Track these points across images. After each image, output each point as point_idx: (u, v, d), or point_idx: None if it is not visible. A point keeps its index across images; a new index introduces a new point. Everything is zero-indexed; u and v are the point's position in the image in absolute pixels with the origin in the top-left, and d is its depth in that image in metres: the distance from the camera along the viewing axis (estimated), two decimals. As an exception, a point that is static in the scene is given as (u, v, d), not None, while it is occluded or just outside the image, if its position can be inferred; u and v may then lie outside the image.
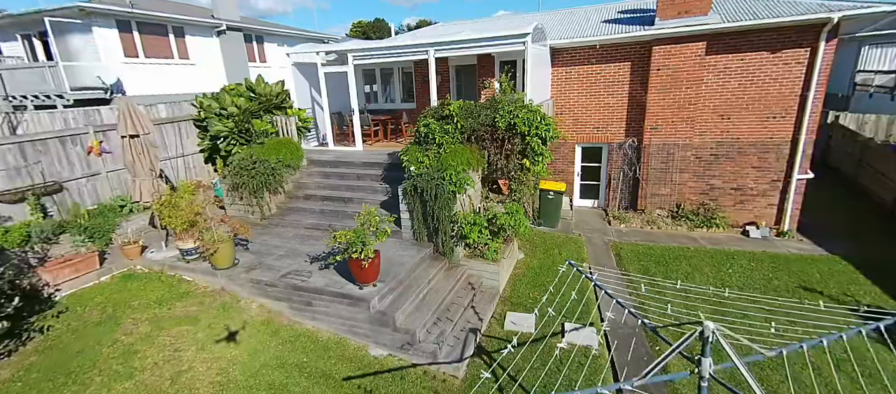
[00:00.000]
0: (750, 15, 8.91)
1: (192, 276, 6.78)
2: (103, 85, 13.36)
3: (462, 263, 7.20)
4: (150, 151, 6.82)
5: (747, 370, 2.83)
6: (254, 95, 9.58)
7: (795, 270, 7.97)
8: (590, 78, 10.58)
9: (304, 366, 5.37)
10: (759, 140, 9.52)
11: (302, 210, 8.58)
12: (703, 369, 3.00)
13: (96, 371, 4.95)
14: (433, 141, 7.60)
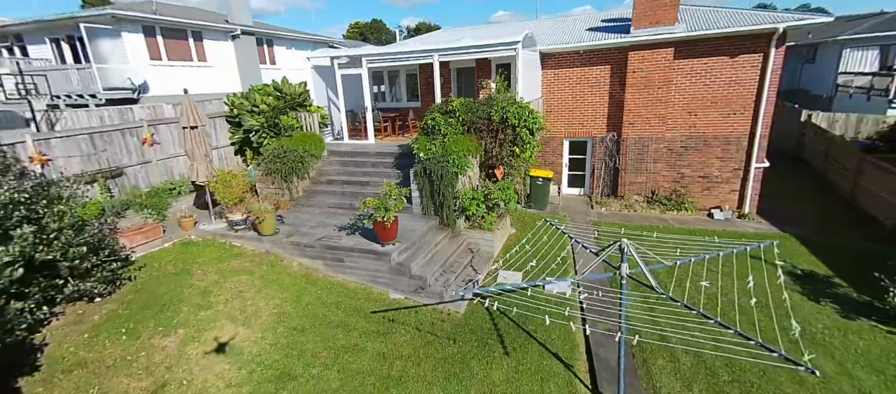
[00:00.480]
0: (711, 25, 10.81)
1: (240, 242, 8.56)
2: (132, 86, 15.19)
3: (463, 232, 9.01)
4: (205, 140, 8.61)
5: (646, 268, 4.68)
6: (280, 95, 11.40)
7: (741, 240, 9.79)
8: (575, 79, 12.45)
9: (339, 304, 7.15)
10: (722, 134, 11.39)
11: (325, 193, 10.38)
12: (622, 270, 4.84)
13: (183, 304, 6.72)
14: (439, 132, 9.42)
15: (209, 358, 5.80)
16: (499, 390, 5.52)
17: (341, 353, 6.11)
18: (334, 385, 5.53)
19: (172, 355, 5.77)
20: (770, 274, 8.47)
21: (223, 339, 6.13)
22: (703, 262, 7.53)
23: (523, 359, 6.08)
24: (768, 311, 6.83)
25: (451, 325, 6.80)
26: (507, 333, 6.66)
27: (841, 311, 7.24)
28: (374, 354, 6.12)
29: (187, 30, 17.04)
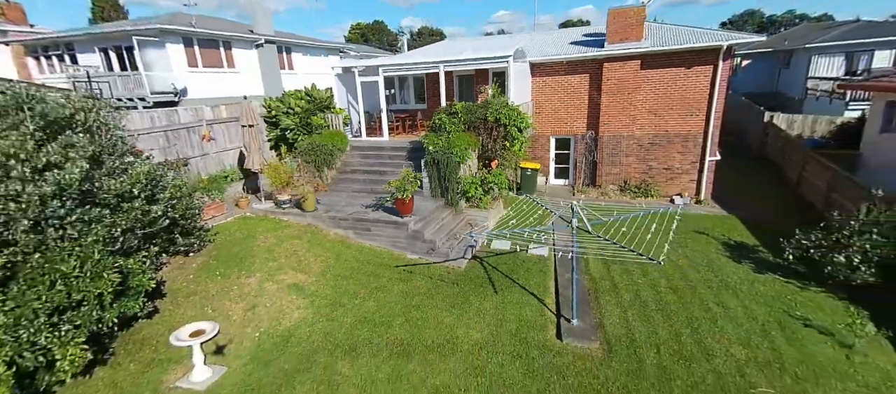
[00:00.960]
0: (670, 42, 13.16)
1: (287, 217, 10.91)
2: (174, 90, 17.58)
3: (464, 210, 11.36)
4: (258, 135, 10.94)
5: (585, 216, 7.05)
6: (310, 99, 13.76)
7: (694, 222, 12.15)
8: (560, 85, 14.80)
9: (369, 261, 9.51)
10: (682, 132, 13.73)
11: (350, 180, 12.74)
12: (572, 224, 7.20)
13: (255, 258, 9.08)
14: (444, 129, 11.77)
15: (281, 292, 8.15)
16: (489, 313, 7.87)
17: (374, 291, 8.46)
18: (372, 309, 7.89)
19: (255, 289, 8.13)
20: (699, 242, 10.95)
21: (289, 281, 8.49)
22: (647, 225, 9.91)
23: (508, 296, 8.42)
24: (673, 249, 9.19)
25: (454, 275, 9.14)
26: (497, 280, 9.00)
27: (755, 268, 9.56)
28: (398, 292, 8.46)
29: (219, 40, 19.43)
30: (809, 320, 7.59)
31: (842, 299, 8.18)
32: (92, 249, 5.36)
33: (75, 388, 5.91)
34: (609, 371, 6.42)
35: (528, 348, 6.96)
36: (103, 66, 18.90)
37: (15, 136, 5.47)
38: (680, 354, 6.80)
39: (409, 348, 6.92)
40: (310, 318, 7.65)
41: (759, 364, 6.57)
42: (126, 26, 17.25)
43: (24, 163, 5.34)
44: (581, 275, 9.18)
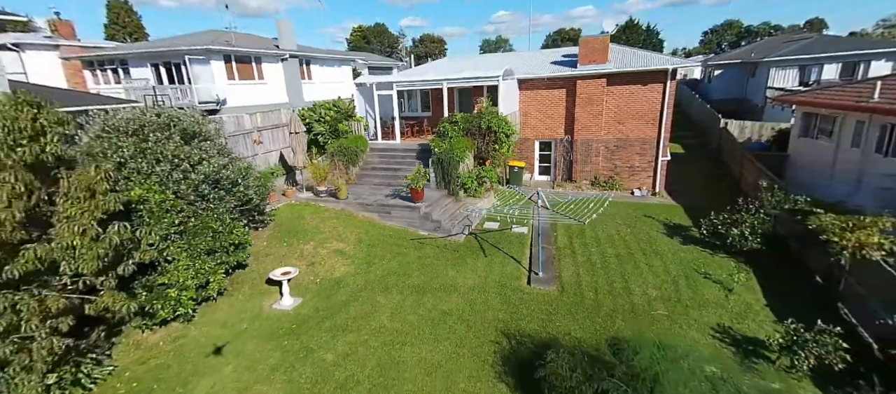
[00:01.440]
0: (630, 65, 16.21)
1: (324, 204, 13.95)
2: (216, 100, 20.62)
3: (462, 199, 14.41)
4: (303, 139, 13.95)
5: (543, 200, 10.18)
6: (337, 109, 16.80)
7: (646, 209, 15.20)
8: (542, 98, 17.84)
9: (391, 235, 12.56)
10: (640, 137, 16.78)
11: (371, 175, 15.78)
12: (538, 204, 10.32)
13: (306, 232, 12.13)
14: (447, 135, 14.81)
15: (330, 254, 11.21)
16: (480, 269, 10.92)
17: (396, 255, 11.52)
18: (395, 266, 10.94)
19: (311, 252, 11.18)
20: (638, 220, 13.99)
21: (334, 247, 11.55)
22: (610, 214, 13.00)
23: (494, 259, 11.48)
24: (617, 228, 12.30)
25: (455, 245, 12.19)
26: (487, 249, 12.05)
27: (682, 241, 12.61)
28: (414, 256, 11.52)
29: (252, 56, 22.47)
30: (708, 274, 10.65)
31: (737, 261, 11.25)
32: (224, 216, 8.38)
33: (211, 307, 8.94)
34: (559, 303, 9.48)
35: (506, 290, 10.02)
36: (153, 79, 21.93)
37: (172, 143, 8.45)
38: (610, 293, 9.86)
39: (424, 288, 9.98)
40: (352, 271, 10.72)
41: (664, 299, 9.64)
42: (180, 46, 20.29)
43: (183, 160, 8.36)
44: (550, 245, 12.25)
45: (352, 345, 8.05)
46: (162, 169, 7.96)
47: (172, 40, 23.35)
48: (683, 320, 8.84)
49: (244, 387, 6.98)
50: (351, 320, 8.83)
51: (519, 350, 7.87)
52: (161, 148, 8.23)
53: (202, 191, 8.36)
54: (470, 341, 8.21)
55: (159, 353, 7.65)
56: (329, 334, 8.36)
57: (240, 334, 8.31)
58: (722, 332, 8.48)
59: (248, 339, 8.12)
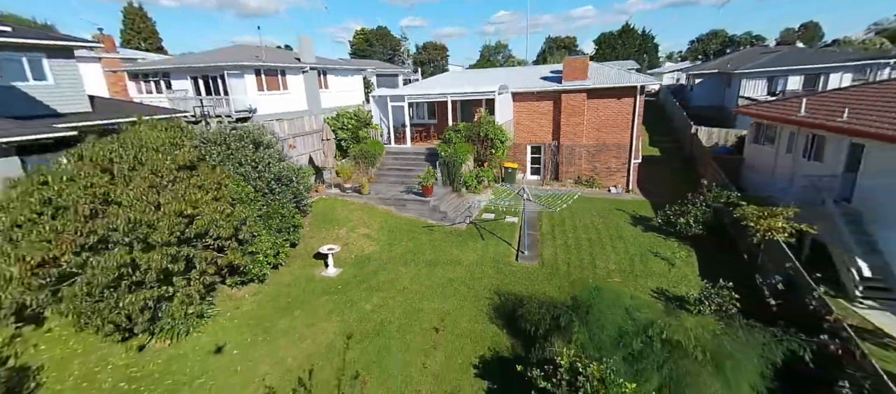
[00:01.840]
0: (606, 82, 18.99)
1: (350, 199, 16.75)
2: (249, 109, 23.43)
3: (464, 194, 17.22)
4: (332, 145, 16.74)
5: (527, 194, 13.04)
6: (357, 118, 19.60)
7: (619, 203, 17.99)
8: (533, 109, 20.62)
9: (407, 223, 15.37)
10: (616, 143, 19.56)
11: (387, 174, 18.58)
12: (523, 198, 13.17)
13: (339, 220, 14.94)
14: (451, 141, 17.60)
15: (359, 237, 14.02)
16: (479, 249, 13.71)
17: (412, 238, 14.32)
18: (412, 246, 13.74)
19: (344, 235, 13.99)
20: (610, 212, 16.72)
21: (362, 232, 14.36)
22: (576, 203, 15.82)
23: (490, 242, 14.27)
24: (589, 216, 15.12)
25: (459, 232, 14.98)
26: (484, 234, 14.84)
27: (643, 229, 15.39)
28: (426, 239, 14.31)
29: (278, 69, 25.29)
30: (658, 253, 13.43)
31: (683, 244, 14.02)
32: (287, 204, 11.17)
33: (277, 273, 11.72)
34: (539, 273, 12.28)
35: (498, 264, 12.82)
36: (192, 91, 24.75)
37: (248, 151, 11.22)
38: (580, 267, 12.65)
39: (435, 262, 12.79)
40: (378, 250, 13.53)
41: (620, 271, 12.43)
42: (218, 62, 23.11)
43: (257, 163, 11.16)
44: (535, 231, 15.05)
45: (383, 299, 10.86)
46: (245, 170, 10.74)
47: (210, 56, 26.14)
48: (632, 285, 11.63)
49: (311, 323, 9.79)
50: (380, 283, 11.64)
51: (506, 303, 10.66)
52: (241, 155, 11.02)
53: (271, 186, 11.15)
54: (470, 298, 11.02)
55: (245, 303, 10.45)
56: (365, 292, 11.17)
57: (301, 291, 11.11)
58: (659, 293, 11.28)
59: (307, 295, 10.94)
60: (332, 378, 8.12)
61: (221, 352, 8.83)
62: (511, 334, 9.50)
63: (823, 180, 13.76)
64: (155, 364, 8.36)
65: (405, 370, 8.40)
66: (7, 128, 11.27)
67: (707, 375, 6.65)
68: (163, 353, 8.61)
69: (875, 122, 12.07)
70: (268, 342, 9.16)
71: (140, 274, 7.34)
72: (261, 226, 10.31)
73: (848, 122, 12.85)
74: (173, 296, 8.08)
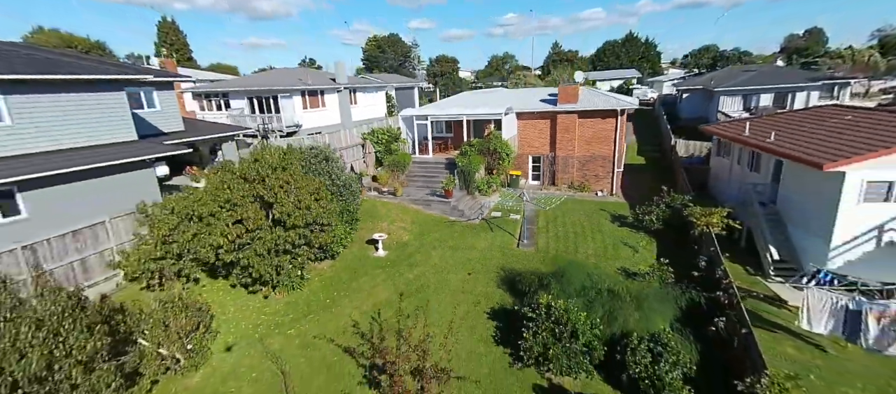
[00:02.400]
0: (593, 106, 22.89)
1: (386, 199, 20.87)
2: (296, 125, 27.73)
3: (477, 196, 21.27)
4: (372, 156, 20.86)
5: (529, 198, 17.13)
6: (389, 134, 23.74)
7: (603, 205, 21.89)
8: (534, 126, 24.59)
9: (433, 218, 19.46)
10: (602, 155, 23.45)
11: (414, 180, 22.68)
12: (524, 201, 17.26)
13: (380, 216, 19.06)
14: (467, 154, 21.64)
15: (398, 229, 18.13)
16: (489, 238, 17.72)
17: (437, 230, 18.38)
18: (438, 236, 17.80)
19: (386, 227, 18.11)
20: (594, 212, 20.59)
21: (399, 225, 18.46)
22: (566, 204, 19.76)
23: (498, 233, 18.28)
24: (575, 215, 19.10)
25: (473, 226, 19.01)
26: (493, 227, 18.86)
27: (619, 225, 19.27)
28: (448, 231, 18.37)
29: (318, 91, 29.58)
30: (627, 242, 17.33)
31: (649, 236, 17.89)
32: (351, 203, 15.31)
33: (342, 254, 15.81)
34: (534, 256, 16.26)
35: (504, 249, 16.82)
36: (248, 109, 29.13)
37: (324, 166, 15.36)
38: (565, 251, 16.61)
39: (457, 247, 16.83)
40: (412, 238, 17.62)
41: (596, 255, 16.37)
42: (273, 85, 27.46)
43: (330, 174, 15.31)
44: (533, 226, 19.01)
45: (420, 272, 14.93)
46: (322, 179, 14.88)
47: (264, 79, 30.54)
48: (604, 265, 15.54)
49: (373, 285, 13.90)
50: (417, 261, 15.72)
51: (509, 276, 14.64)
52: (316, 166, 15.18)
53: (340, 190, 15.28)
54: (483, 271, 15.04)
55: (325, 274, 14.59)
56: (407, 266, 15.26)
57: (361, 265, 15.22)
58: (622, 270, 15.17)
59: (367, 267, 15.05)
60: (392, 317, 12.15)
61: (318, 301, 12.98)
62: (512, 295, 13.49)
63: (758, 187, 17.55)
64: (277, 306, 12.54)
65: (441, 314, 12.45)
66: (152, 147, 15.58)
67: (631, 310, 10.62)
68: (281, 301, 12.79)
69: (788, 144, 15.88)
70: (346, 296, 13.30)
71: (280, 246, 11.50)
72: (338, 218, 14.43)
73: (773, 143, 16.64)
74: (296, 258, 12.28)
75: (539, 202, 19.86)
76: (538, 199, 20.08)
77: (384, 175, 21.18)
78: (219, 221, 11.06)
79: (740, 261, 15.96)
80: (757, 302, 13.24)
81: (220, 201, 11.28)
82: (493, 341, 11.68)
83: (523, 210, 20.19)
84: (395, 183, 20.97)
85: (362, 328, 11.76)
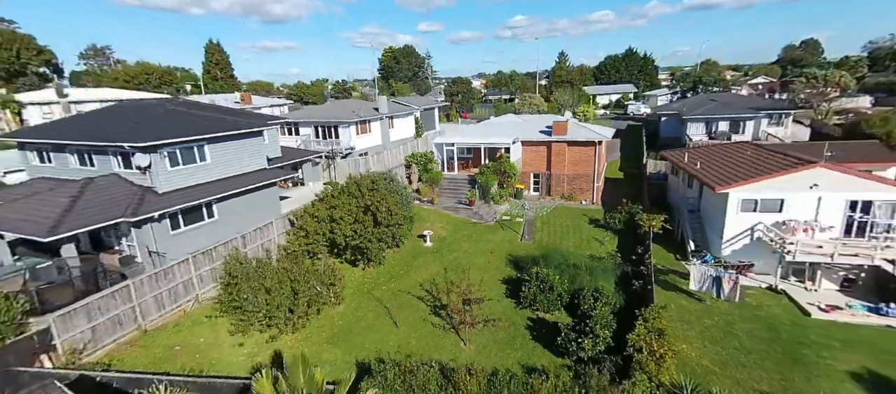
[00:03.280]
0: (579, 137, 29.92)
1: (425, 207, 28.08)
2: (351, 148, 35.17)
3: (492, 205, 28.45)
4: (415, 174, 28.01)
5: (529, 207, 24.40)
6: (426, 157, 30.98)
7: (585, 211, 28.92)
8: (534, 150, 31.66)
9: (461, 220, 26.69)
10: (585, 173, 30.46)
11: (445, 192, 29.88)
12: (525, 209, 24.57)
13: (422, 219, 26.36)
14: (484, 173, 28.78)
15: (437, 227, 25.37)
16: (501, 235, 24.88)
17: (465, 228, 25.58)
18: (466, 233, 25.01)
19: (429, 226, 25.32)
20: (578, 216, 27.83)
21: (438, 225, 25.71)
22: (557, 211, 26.87)
23: (507, 231, 25.44)
24: (562, 218, 26.27)
25: (490, 226, 26.15)
26: (504, 227, 26.02)
27: (594, 227, 26.30)
28: (472, 229, 25.56)
29: (367, 120, 37.00)
30: (597, 238, 24.39)
31: (613, 233, 24.90)
32: (409, 209, 22.53)
33: (402, 245, 23.01)
34: (532, 246, 23.40)
35: (511, 242, 23.97)
36: (313, 135, 36.62)
37: (391, 185, 22.52)
38: (553, 244, 23.71)
39: (479, 241, 24.02)
40: (448, 234, 24.85)
41: (575, 246, 23.46)
42: (335, 118, 34.94)
43: (395, 192, 22.53)
44: (532, 226, 26.11)
45: (456, 256, 22.14)
46: (395, 197, 22.11)
47: (328, 112, 38.07)
48: (578, 252, 22.57)
49: (426, 264, 21.13)
50: (453, 249, 22.92)
51: (514, 258, 21.72)
52: (388, 185, 22.42)
53: (402, 201, 22.55)
54: (497, 256, 22.18)
55: (395, 256, 21.85)
56: (447, 252, 22.48)
57: (417, 252, 22.44)
58: (591, 256, 22.19)
59: (420, 254, 22.30)
60: (442, 282, 19.32)
61: (394, 272, 20.28)
62: (516, 269, 20.60)
63: (690, 200, 24.46)
64: (371, 275, 19.87)
65: (472, 280, 19.60)
66: (278, 171, 23.03)
67: (585, 276, 17.72)
68: (372, 272, 20.11)
69: (704, 171, 22.76)
70: (412, 269, 20.58)
71: (378, 237, 18.85)
72: (405, 221, 21.68)
73: (697, 170, 23.53)
74: (386, 244, 19.60)
75: (537, 209, 26.98)
76: (536, 207, 27.21)
77: (425, 188, 28.48)
78: (343, 222, 18.39)
79: (674, 251, 22.86)
80: (675, 277, 20.18)
81: (343, 212, 18.62)
82: (505, 295, 18.83)
83: (525, 215, 27.31)
84: (432, 194, 28.24)
85: (426, 287, 19.01)
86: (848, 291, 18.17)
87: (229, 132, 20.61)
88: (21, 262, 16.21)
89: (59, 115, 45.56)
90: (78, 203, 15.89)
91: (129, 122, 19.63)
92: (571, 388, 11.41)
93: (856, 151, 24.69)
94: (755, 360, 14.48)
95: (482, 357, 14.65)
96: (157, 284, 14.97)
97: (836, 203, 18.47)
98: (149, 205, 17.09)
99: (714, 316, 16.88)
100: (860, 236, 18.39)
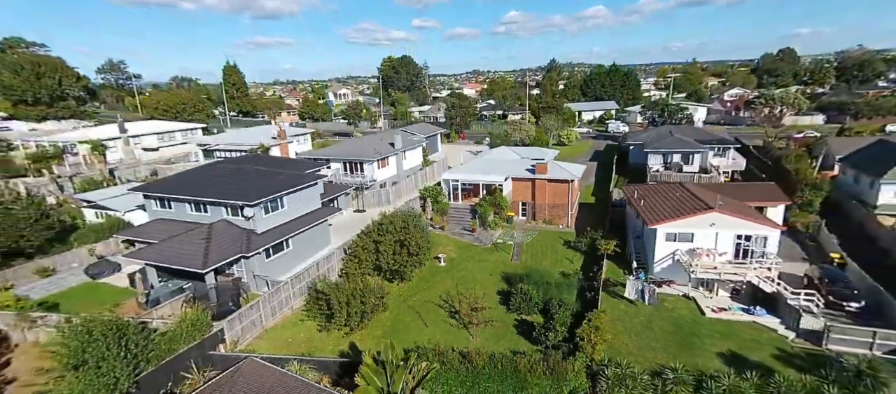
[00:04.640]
0: (556, 175, 37.48)
1: (438, 232, 35.39)
2: (372, 179, 42.48)
3: (489, 230, 35.91)
4: (430, 205, 35.30)
5: (516, 232, 32.01)
6: (436, 190, 38.35)
7: (561, 234, 36.50)
8: (522, 185, 39.13)
9: (465, 245, 34.15)
10: (562, 203, 37.99)
11: (451, 219, 37.26)
12: (515, 234, 32.15)
13: (436, 242, 33.73)
14: (483, 204, 36.21)
15: (447, 249, 32.78)
16: (496, 255, 32.36)
17: (468, 251, 33.02)
18: (469, 253, 32.45)
19: (441, 249, 32.72)
20: (555, 239, 35.54)
21: (448, 247, 33.11)
22: (540, 235, 34.46)
23: (501, 253, 32.92)
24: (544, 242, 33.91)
25: (487, 248, 33.61)
26: (498, 249, 33.49)
27: (568, 247, 33.84)
28: (474, 251, 33.00)
29: (386, 155, 44.30)
30: (568, 258, 31.94)
31: (581, 253, 32.45)
32: (427, 237, 29.93)
33: (424, 267, 30.32)
34: (519, 265, 30.92)
35: (504, 262, 31.47)
36: (343, 169, 43.83)
37: (415, 220, 29.82)
38: (535, 264, 31.22)
39: (479, 260, 31.49)
40: (456, 256, 32.26)
41: (550, 265, 31.01)
42: (360, 155, 42.26)
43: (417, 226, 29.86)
44: (519, 248, 33.58)
45: (463, 273, 29.54)
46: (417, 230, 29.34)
47: (355, 150, 45.31)
48: (553, 270, 30.09)
49: (441, 279, 28.51)
50: (461, 268, 30.32)
51: (506, 275, 29.15)
52: (412, 222, 29.73)
53: (423, 230, 29.87)
54: (494, 273, 29.62)
55: (419, 274, 29.16)
56: (456, 271, 29.87)
57: (434, 271, 29.76)
58: (562, 273, 29.69)
59: (437, 272, 29.63)
60: (455, 294, 26.68)
61: (420, 287, 27.62)
62: (507, 284, 28.06)
63: (637, 228, 32.05)
64: (403, 288, 27.22)
65: (476, 292, 27.01)
66: (329, 210, 30.36)
67: (554, 289, 25.27)
68: (404, 286, 27.45)
69: (644, 208, 30.31)
70: (431, 285, 27.95)
71: (409, 260, 26.18)
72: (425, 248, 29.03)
73: (641, 207, 31.06)
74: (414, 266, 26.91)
75: (524, 235, 34.50)
76: (523, 231, 34.73)
77: (437, 217, 35.90)
78: (386, 253, 25.72)
79: (624, 267, 30.40)
80: (621, 287, 27.70)
81: (386, 246, 25.93)
82: (499, 303, 26.26)
83: (515, 239, 34.79)
84: (442, 222, 35.67)
85: (444, 298, 26.39)
86: (735, 298, 25.84)
87: (298, 186, 27.90)
88: (170, 284, 23.41)
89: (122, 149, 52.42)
90: (211, 244, 23.12)
91: (234, 181, 26.93)
92: (539, 362, 18.82)
93: (753, 192, 32.42)
94: (661, 345, 22.05)
95: (484, 345, 22.06)
96: (272, 299, 22.25)
97: (728, 236, 26.13)
98: (254, 243, 24.37)
99: (641, 316, 24.44)
100: (745, 259, 26.05)
